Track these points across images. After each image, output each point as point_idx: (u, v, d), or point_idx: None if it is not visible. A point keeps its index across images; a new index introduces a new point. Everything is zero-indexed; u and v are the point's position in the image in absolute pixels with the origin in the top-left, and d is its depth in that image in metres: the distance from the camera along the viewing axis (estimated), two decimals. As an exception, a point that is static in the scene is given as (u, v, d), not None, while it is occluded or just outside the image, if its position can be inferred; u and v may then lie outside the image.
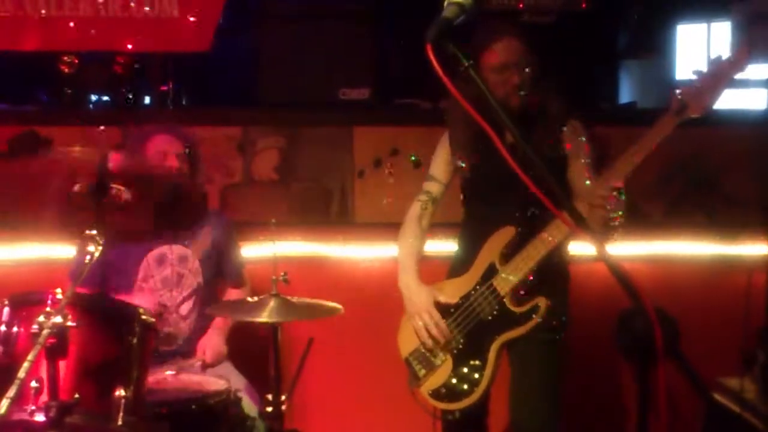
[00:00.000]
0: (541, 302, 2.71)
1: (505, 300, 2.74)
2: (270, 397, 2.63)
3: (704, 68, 2.57)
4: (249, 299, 2.72)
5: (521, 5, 4.05)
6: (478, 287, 2.79)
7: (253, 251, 3.48)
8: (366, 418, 3.71)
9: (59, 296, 2.13)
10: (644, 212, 3.81)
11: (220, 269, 3.28)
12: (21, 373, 2.00)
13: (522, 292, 2.75)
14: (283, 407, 2.62)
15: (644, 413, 1.63)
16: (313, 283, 3.39)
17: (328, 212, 3.86)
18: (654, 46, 5.67)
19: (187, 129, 3.28)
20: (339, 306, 2.64)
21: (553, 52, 3.31)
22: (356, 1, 4.03)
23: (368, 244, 3.76)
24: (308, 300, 2.68)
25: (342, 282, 3.69)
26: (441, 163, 2.95)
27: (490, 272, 2.78)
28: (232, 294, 3.35)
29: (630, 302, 1.65)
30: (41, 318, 2.05)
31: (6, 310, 2.21)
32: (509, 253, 2.75)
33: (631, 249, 3.69)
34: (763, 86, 6.22)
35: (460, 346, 2.79)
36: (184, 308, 3.14)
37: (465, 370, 2.78)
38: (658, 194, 3.82)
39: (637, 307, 1.56)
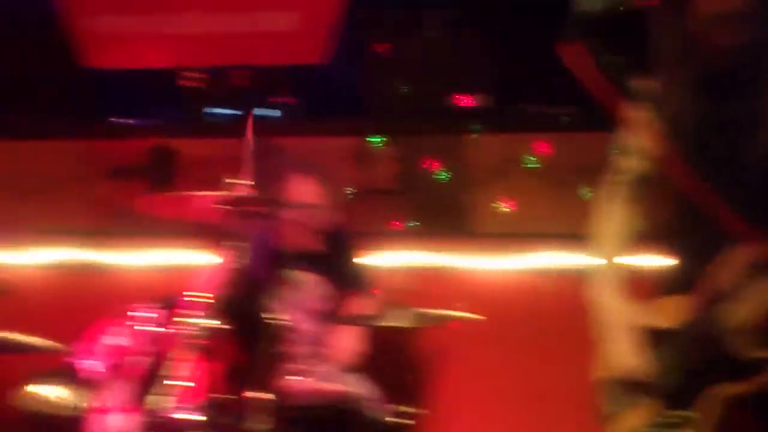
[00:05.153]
0: None
1: (732, 339, 1.99)
2: (402, 408, 2.59)
3: None
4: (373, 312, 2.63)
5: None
6: (699, 316, 2.02)
7: (374, 260, 3.47)
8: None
9: (207, 300, 2.16)
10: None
11: (341, 283, 3.24)
12: (169, 372, 2.03)
13: (756, 333, 1.97)
14: (414, 419, 2.58)
15: None
16: (437, 292, 3.34)
17: (447, 222, 3.82)
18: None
19: (317, 162, 3.20)
20: (474, 315, 2.57)
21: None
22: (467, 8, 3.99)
23: (489, 255, 3.69)
24: (438, 310, 2.63)
25: (464, 293, 3.62)
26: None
27: (717, 299, 2.00)
28: (354, 306, 3.31)
29: None
30: (192, 320, 2.08)
31: (157, 312, 2.25)
32: (743, 281, 1.98)
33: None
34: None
35: (671, 388, 2.06)
36: (308, 327, 3.11)
37: (674, 420, 2.05)
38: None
39: None
